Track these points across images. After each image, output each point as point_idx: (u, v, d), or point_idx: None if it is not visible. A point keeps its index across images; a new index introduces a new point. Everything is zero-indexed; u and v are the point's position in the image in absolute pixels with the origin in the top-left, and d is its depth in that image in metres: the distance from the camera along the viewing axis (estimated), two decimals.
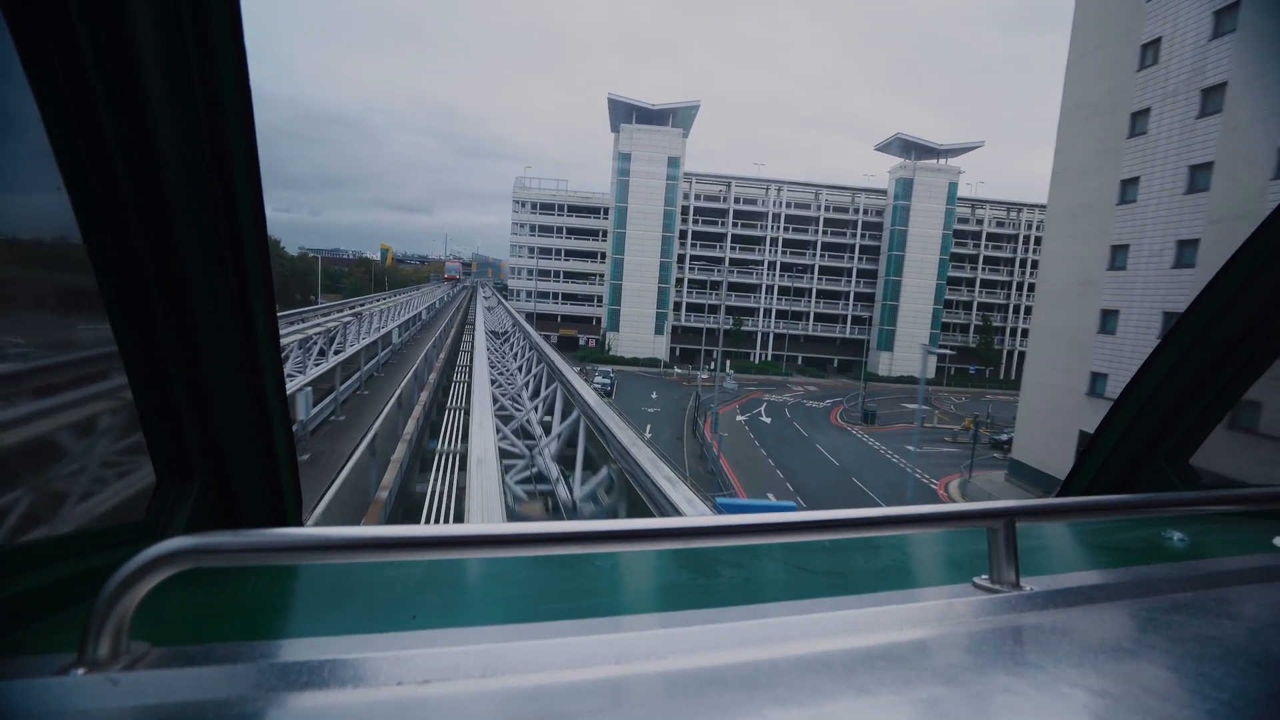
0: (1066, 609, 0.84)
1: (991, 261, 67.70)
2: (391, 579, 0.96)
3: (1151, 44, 24.17)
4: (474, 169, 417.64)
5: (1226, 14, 21.33)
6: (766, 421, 42.64)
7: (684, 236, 64.79)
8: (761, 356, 66.67)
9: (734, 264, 65.52)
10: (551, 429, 11.09)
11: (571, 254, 69.20)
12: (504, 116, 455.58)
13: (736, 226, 66.24)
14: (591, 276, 68.78)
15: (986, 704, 0.61)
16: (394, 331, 20.11)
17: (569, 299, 69.43)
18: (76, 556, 0.85)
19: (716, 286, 65.58)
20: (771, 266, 66.47)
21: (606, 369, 51.40)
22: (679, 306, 65.84)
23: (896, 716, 0.59)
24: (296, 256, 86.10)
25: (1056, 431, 26.58)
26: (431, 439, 12.89)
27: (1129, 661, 0.70)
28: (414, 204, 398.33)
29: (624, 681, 0.62)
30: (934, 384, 62.91)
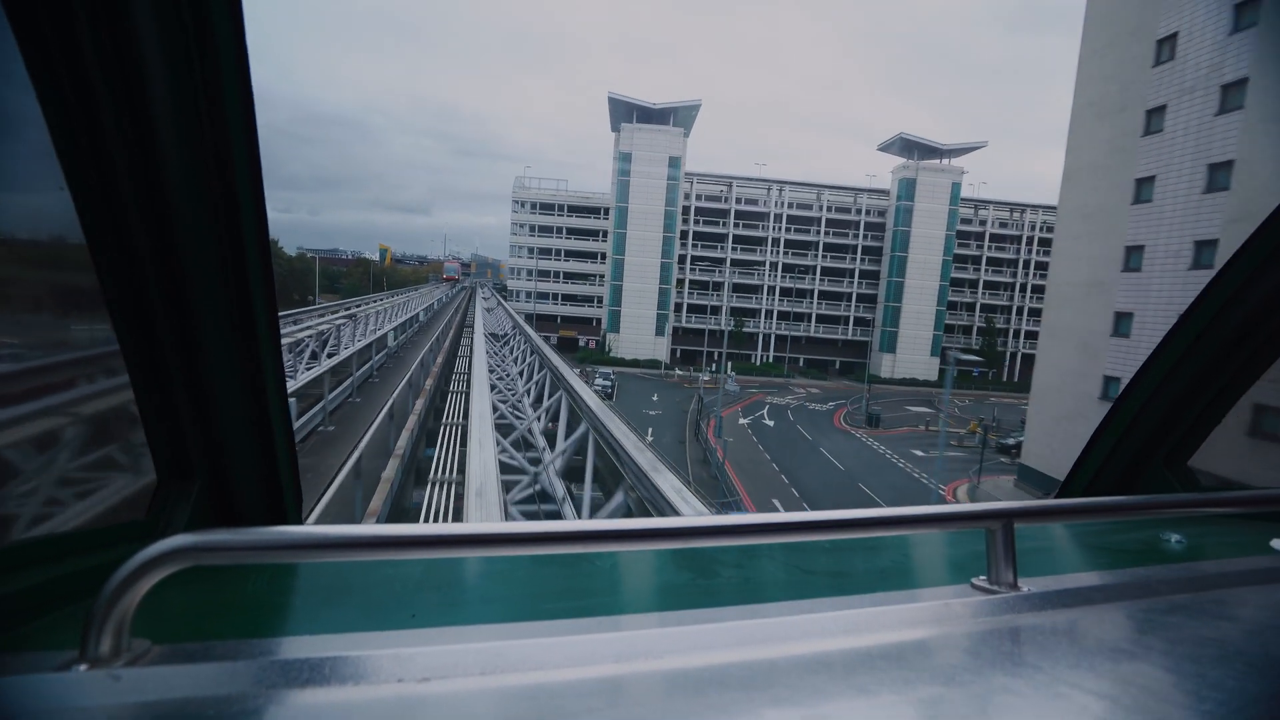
0: (1064, 610, 0.84)
1: (994, 263, 67.24)
2: (391, 577, 0.96)
3: (1167, 39, 23.63)
4: (473, 169, 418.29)
5: (1247, 7, 20.80)
6: (769, 424, 42.09)
7: (684, 237, 64.26)
8: (763, 358, 66.14)
9: (735, 265, 64.99)
10: (556, 442, 10.39)
11: (571, 254, 68.62)
12: (503, 117, 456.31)
13: (738, 227, 65.70)
14: (591, 277, 68.22)
15: (984, 704, 0.61)
16: (390, 334, 19.19)
17: (568, 300, 68.84)
18: (78, 554, 0.86)
19: (718, 287, 65.16)
20: (773, 267, 65.94)
21: (607, 370, 50.87)
22: (680, 308, 65.30)
23: (895, 716, 0.59)
24: (295, 256, 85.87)
25: (1067, 436, 26.00)
26: (428, 446, 12.30)
27: (1126, 662, 0.70)
28: (413, 204, 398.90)
29: (623, 680, 0.62)
30: (937, 386, 62.44)
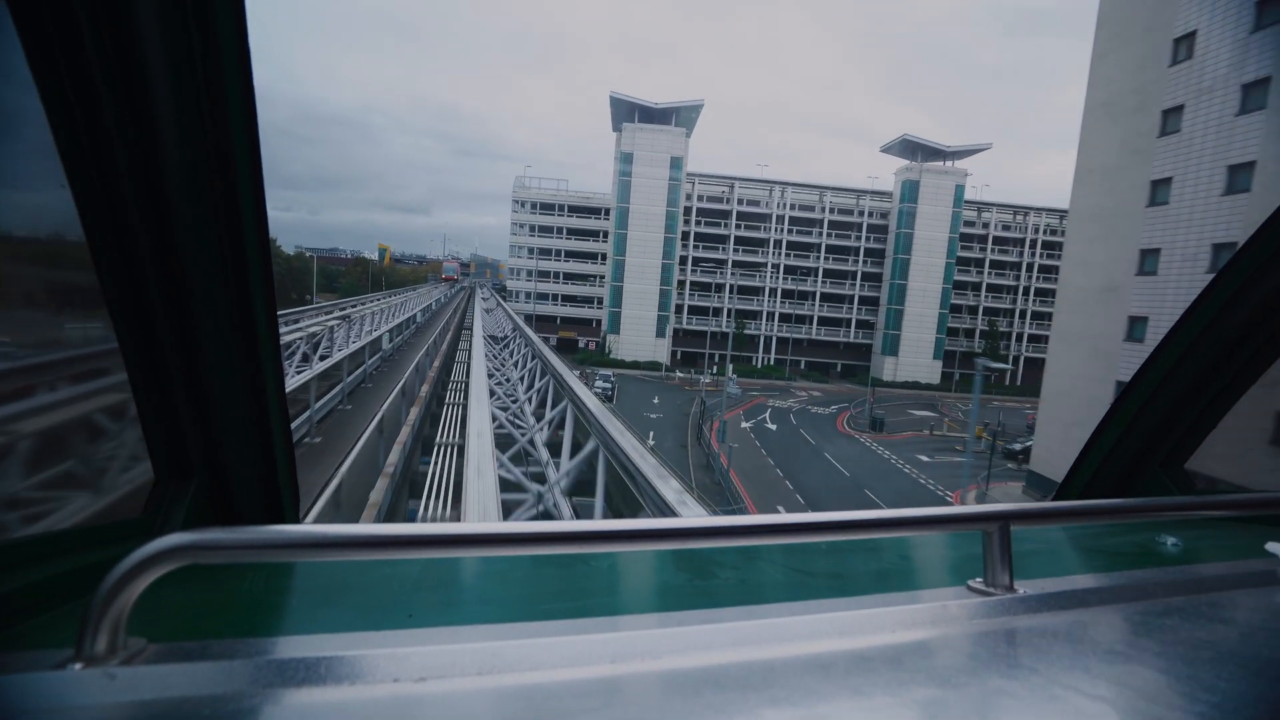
0: (1060, 612, 0.84)
1: (997, 265, 66.70)
2: (388, 577, 0.96)
3: (1185, 38, 23.07)
4: (473, 170, 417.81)
5: (1269, 4, 20.24)
6: (772, 428, 41.51)
7: (686, 238, 63.67)
8: (764, 360, 65.55)
9: (737, 266, 64.40)
10: (562, 456, 9.73)
11: (571, 255, 68.01)
12: (503, 117, 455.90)
13: (740, 228, 65.10)
14: (591, 278, 67.62)
15: (980, 706, 0.61)
16: (384, 337, 18.51)
17: (568, 300, 68.21)
18: (74, 553, 0.85)
19: (719, 289, 64.59)
20: (775, 269, 65.36)
21: (607, 373, 50.25)
22: (680, 309, 64.69)
23: (890, 717, 0.59)
24: (293, 255, 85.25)
25: (1078, 442, 25.15)
26: (423, 455, 11.69)
27: (1121, 664, 0.70)
28: (413, 204, 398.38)
29: (619, 681, 0.62)
30: (940, 390, 61.89)
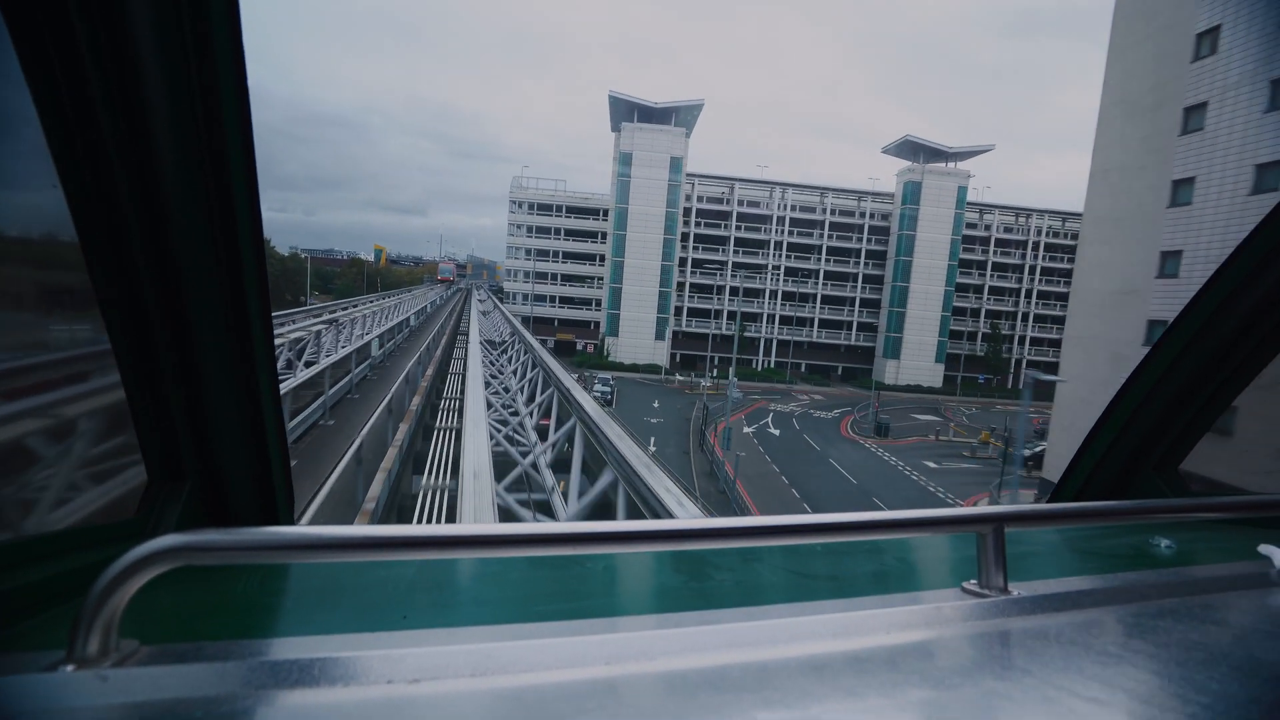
0: (1053, 614, 0.84)
1: (999, 268, 66.10)
2: (383, 579, 0.96)
3: (1208, 33, 22.32)
4: (470, 171, 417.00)
5: None
6: (775, 433, 40.70)
7: (685, 239, 62.88)
8: (764, 363, 64.76)
9: (737, 268, 63.61)
10: (571, 487, 8.71)
11: (569, 256, 67.15)
12: (501, 119, 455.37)
13: (740, 230, 64.35)
14: (590, 279, 66.76)
15: (974, 707, 0.61)
16: (374, 343, 17.52)
17: (566, 302, 67.34)
18: (66, 554, 0.85)
19: (719, 291, 63.78)
20: (775, 271, 64.60)
21: (606, 376, 49.41)
22: (679, 311, 63.87)
23: (883, 719, 0.59)
24: (288, 256, 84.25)
25: None
26: (415, 474, 10.80)
27: (1114, 666, 0.70)
28: (409, 206, 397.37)
29: (614, 682, 0.62)
30: (943, 394, 61.18)
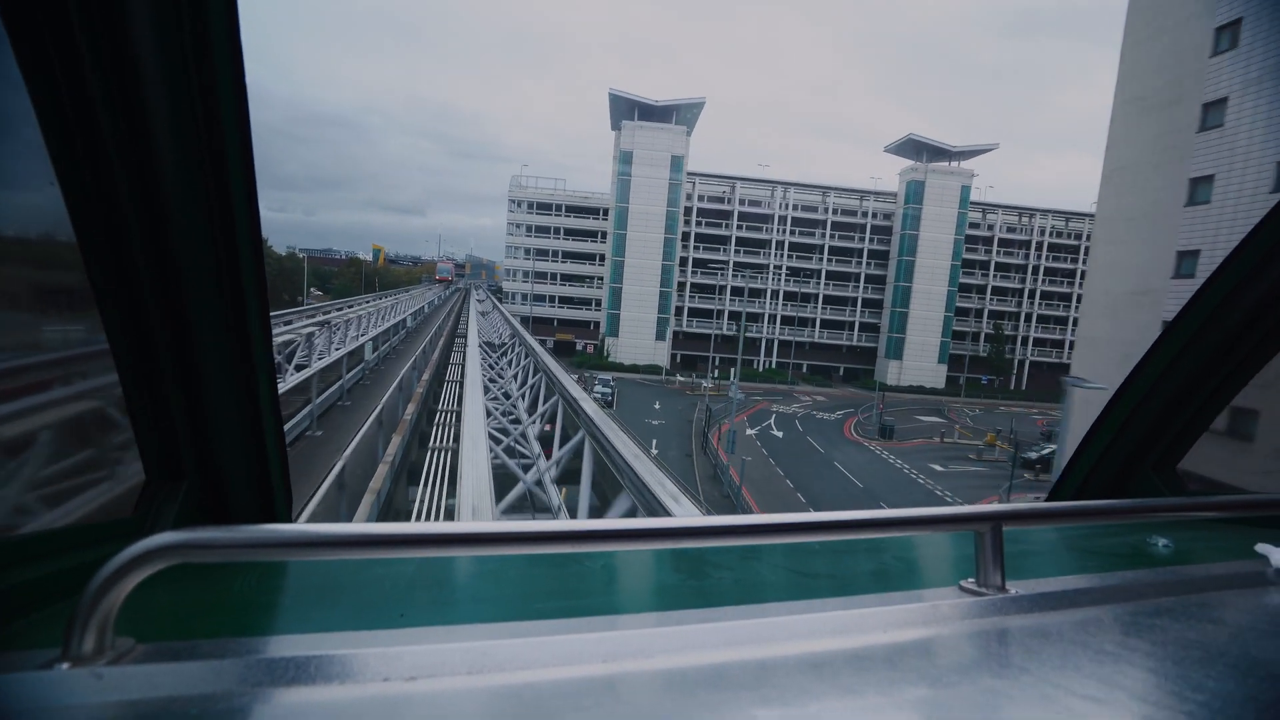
0: (1051, 612, 0.84)
1: (1002, 268, 65.54)
2: (381, 577, 0.95)
3: (1228, 26, 21.73)
4: (470, 171, 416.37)
5: None
6: (778, 435, 40.09)
7: (686, 239, 62.24)
8: (765, 364, 64.14)
9: (738, 268, 62.98)
10: (581, 503, 8.01)
11: (569, 256, 66.48)
12: (501, 119, 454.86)
13: (741, 229, 63.72)
14: (589, 279, 66.10)
15: (970, 706, 0.61)
16: (368, 346, 16.82)
17: (565, 302, 66.68)
18: (63, 552, 0.85)
19: (720, 291, 63.15)
20: (776, 271, 63.98)
21: (606, 377, 48.76)
22: (680, 311, 63.24)
23: (882, 716, 0.59)
24: (285, 256, 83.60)
25: None
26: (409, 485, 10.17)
27: (1111, 664, 0.71)
28: (409, 205, 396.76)
29: (610, 680, 0.62)
30: (945, 395, 60.59)
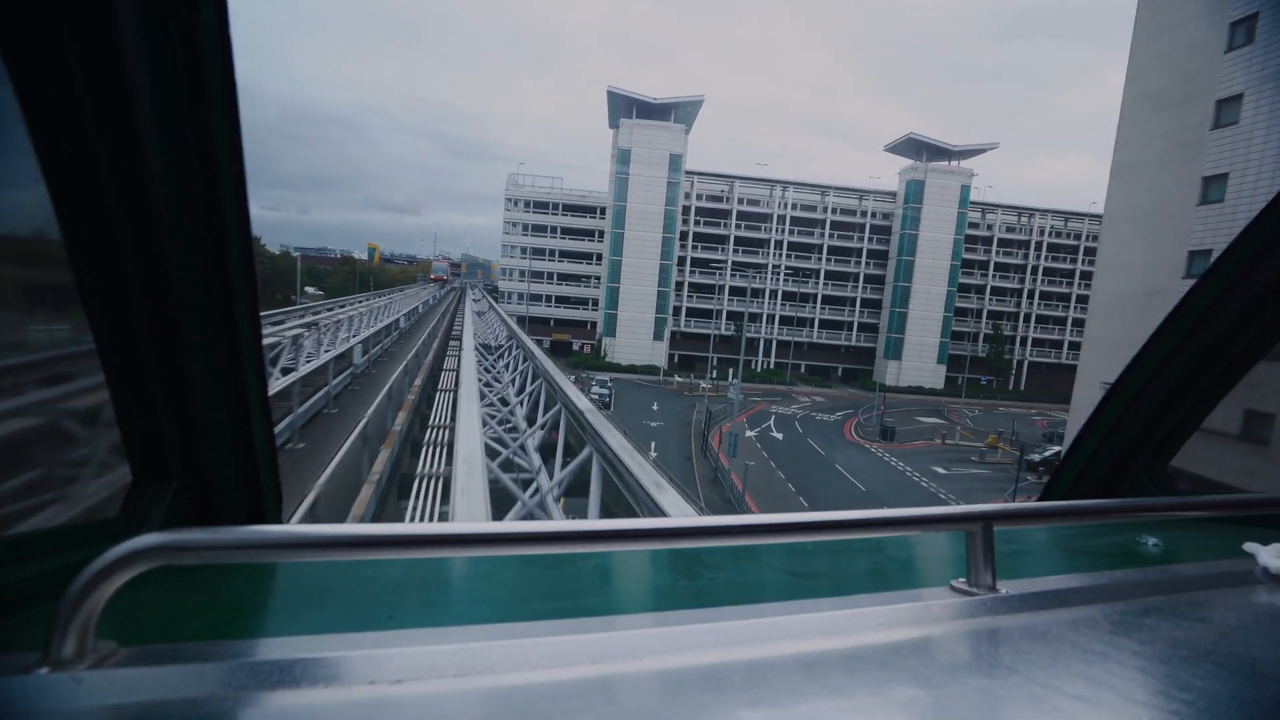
0: (1041, 612, 0.84)
1: (1001, 268, 65.22)
2: (370, 579, 0.94)
3: (1243, 21, 21.31)
4: (467, 170, 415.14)
5: None
6: (778, 437, 39.56)
7: (684, 238, 61.66)
8: (763, 364, 63.64)
9: (737, 267, 62.46)
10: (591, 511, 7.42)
11: (566, 255, 65.83)
12: (499, 118, 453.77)
13: (740, 228, 63.20)
14: (586, 279, 65.48)
15: (960, 706, 0.61)
16: (356, 349, 16.17)
17: (562, 301, 66.04)
18: (47, 555, 0.83)
19: (719, 291, 62.62)
20: (775, 270, 63.47)
21: (604, 378, 48.14)
22: (678, 311, 62.67)
23: (872, 717, 0.59)
24: (278, 255, 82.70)
25: None
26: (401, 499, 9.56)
27: (1100, 664, 0.71)
28: (405, 204, 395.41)
29: (601, 682, 0.62)
30: (944, 395, 60.23)
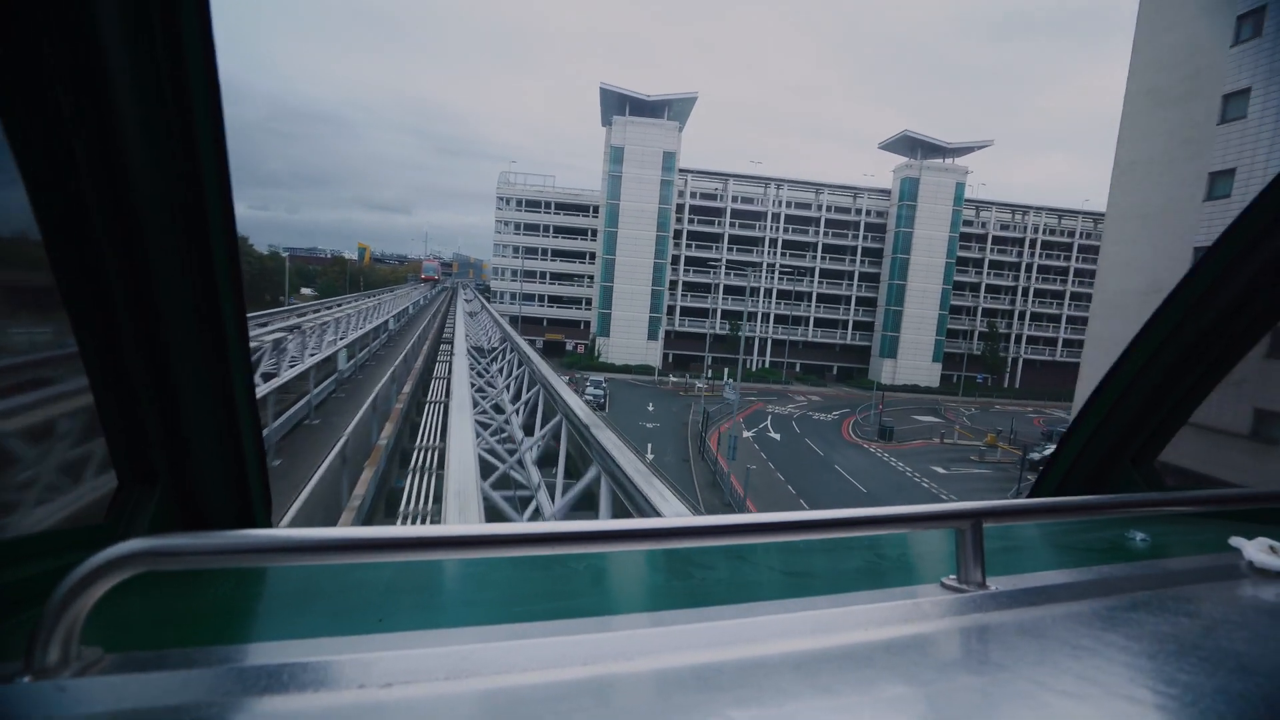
0: (1030, 607, 0.85)
1: (995, 266, 65.08)
2: (360, 582, 0.94)
3: (1251, 14, 20.97)
4: (456, 169, 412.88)
5: None
6: (775, 437, 39.05)
7: (678, 236, 61.10)
8: (758, 363, 63.19)
9: (731, 266, 61.97)
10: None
11: (559, 254, 65.11)
12: (487, 116, 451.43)
13: (734, 227, 62.70)
14: (579, 278, 64.79)
15: (947, 703, 0.62)
16: (341, 354, 15.44)
17: (555, 301, 65.32)
18: (30, 561, 0.82)
19: (713, 290, 62.12)
20: (770, 269, 63.03)
21: (598, 378, 47.50)
22: (672, 310, 62.11)
23: (859, 716, 0.59)
24: (266, 255, 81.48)
25: None
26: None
27: (1087, 659, 0.71)
28: (394, 203, 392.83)
29: (590, 683, 0.62)
30: (941, 393, 60.00)
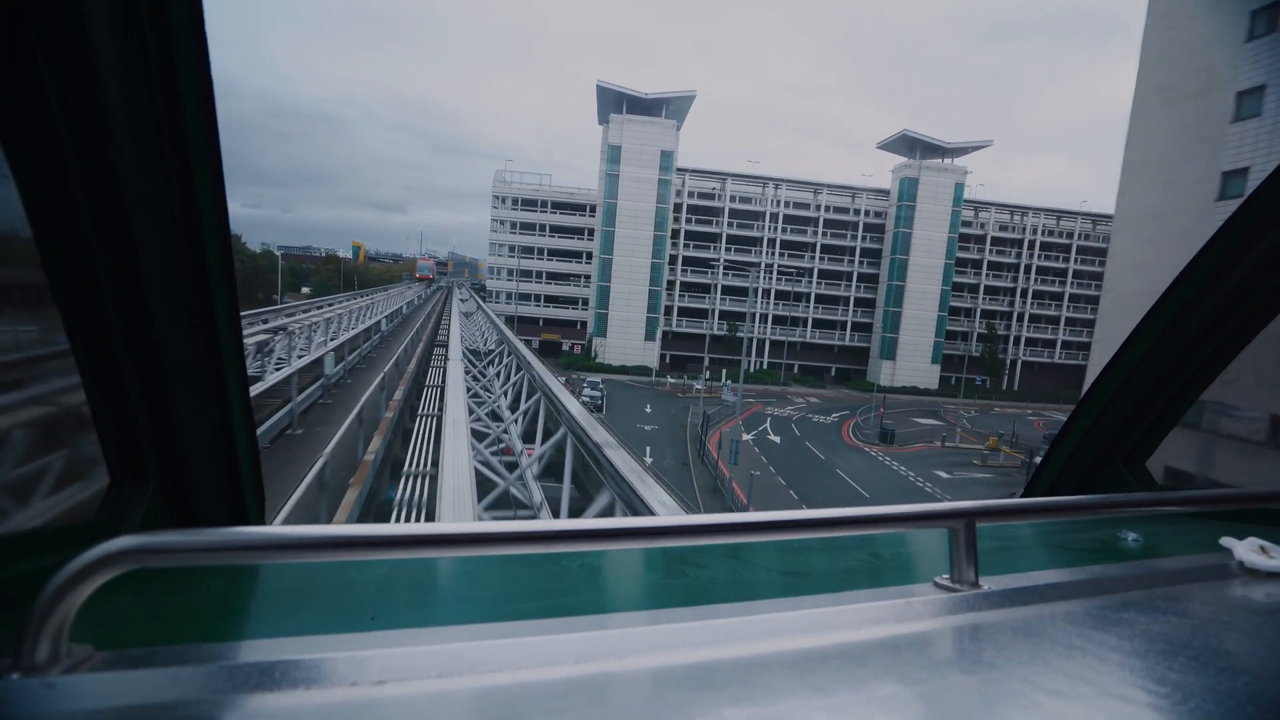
0: (1022, 607, 0.85)
1: (994, 267, 64.79)
2: (353, 579, 0.94)
3: (1267, 9, 20.55)
4: (451, 167, 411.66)
5: None
6: (775, 440, 38.54)
7: (675, 236, 60.56)
8: (757, 364, 62.70)
9: (729, 266, 61.47)
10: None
11: (555, 254, 64.46)
12: (483, 114, 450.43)
13: (732, 226, 62.21)
14: (576, 278, 64.16)
15: (939, 702, 0.62)
16: (328, 358, 14.76)
17: (551, 301, 64.66)
18: (21, 558, 0.82)
19: (711, 290, 61.60)
20: (768, 269, 62.55)
21: (595, 379, 46.91)
22: (670, 310, 61.57)
23: (851, 715, 0.59)
24: (259, 253, 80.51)
25: None
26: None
27: (1078, 659, 0.72)
28: (389, 202, 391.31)
29: (584, 681, 0.62)
30: (939, 395, 59.62)
